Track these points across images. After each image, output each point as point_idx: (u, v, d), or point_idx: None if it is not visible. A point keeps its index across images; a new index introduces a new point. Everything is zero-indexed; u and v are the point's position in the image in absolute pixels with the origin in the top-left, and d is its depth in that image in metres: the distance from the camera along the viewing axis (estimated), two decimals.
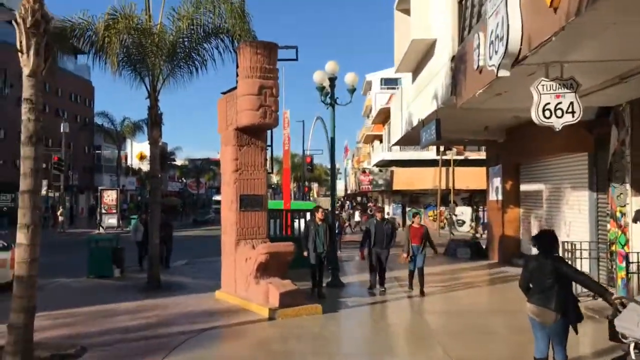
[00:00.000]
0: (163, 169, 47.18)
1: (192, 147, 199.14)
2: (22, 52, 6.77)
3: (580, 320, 5.27)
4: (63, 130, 36.43)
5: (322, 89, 13.13)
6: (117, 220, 34.21)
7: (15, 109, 7.72)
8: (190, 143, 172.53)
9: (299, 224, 15.47)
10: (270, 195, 36.00)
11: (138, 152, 55.43)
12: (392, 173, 33.25)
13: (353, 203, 52.85)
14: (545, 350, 5.38)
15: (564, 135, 9.74)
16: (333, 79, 12.98)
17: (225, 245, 11.00)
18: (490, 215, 18.41)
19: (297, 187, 52.62)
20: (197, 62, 13.06)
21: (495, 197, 17.31)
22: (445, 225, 29.08)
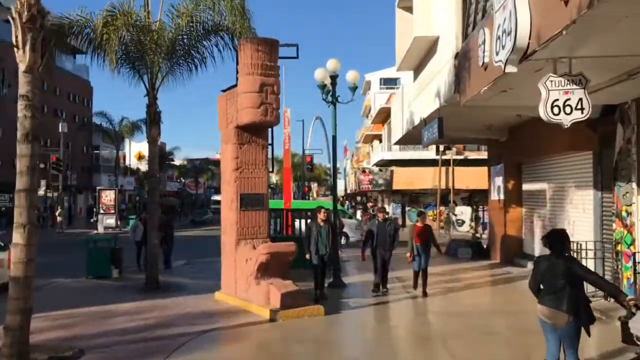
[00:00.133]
0: (161, 169, 47.02)
1: (190, 147, 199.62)
2: (18, 47, 6.69)
3: (593, 322, 5.11)
4: (61, 130, 36.40)
5: (323, 87, 13.00)
6: (115, 221, 34.05)
7: (14, 109, 7.59)
8: (189, 143, 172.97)
9: (300, 224, 15.33)
10: (270, 195, 35.86)
11: (136, 152, 55.37)
12: (392, 173, 33.13)
13: (353, 203, 52.72)
14: (557, 353, 5.21)
15: (568, 134, 9.63)
16: (334, 77, 12.86)
17: (225, 245, 10.83)
18: (492, 215, 18.26)
19: (296, 186, 52.51)
20: (196, 59, 12.99)
21: (497, 196, 17.17)
22: (444, 225, 28.90)
